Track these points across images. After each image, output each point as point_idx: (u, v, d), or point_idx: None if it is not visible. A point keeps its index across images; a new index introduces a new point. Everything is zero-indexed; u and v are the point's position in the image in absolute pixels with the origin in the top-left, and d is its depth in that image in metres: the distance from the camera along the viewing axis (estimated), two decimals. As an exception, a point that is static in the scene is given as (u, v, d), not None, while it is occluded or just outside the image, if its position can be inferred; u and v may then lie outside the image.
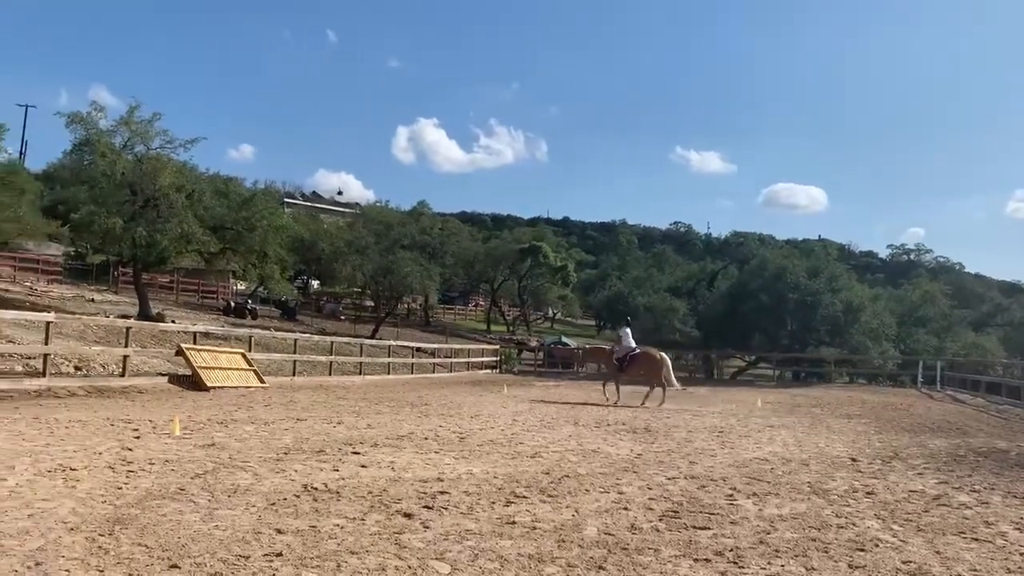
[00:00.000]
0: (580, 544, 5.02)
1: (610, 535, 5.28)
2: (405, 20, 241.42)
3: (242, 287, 49.32)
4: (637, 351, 19.17)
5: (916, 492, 7.42)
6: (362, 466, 7.63)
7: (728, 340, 39.29)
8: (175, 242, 27.33)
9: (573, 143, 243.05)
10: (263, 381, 18.11)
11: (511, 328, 61.24)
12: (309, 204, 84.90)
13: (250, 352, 19.15)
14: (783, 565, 4.75)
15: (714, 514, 6.07)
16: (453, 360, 34.02)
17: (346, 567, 4.31)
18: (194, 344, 18.03)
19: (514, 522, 5.53)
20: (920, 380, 32.43)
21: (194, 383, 16.19)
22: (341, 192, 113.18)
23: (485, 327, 60.75)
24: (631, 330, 20.09)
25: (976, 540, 5.57)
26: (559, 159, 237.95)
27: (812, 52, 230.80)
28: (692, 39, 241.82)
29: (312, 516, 5.44)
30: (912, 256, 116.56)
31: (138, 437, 8.73)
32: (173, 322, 25.63)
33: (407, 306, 55.91)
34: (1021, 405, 21.25)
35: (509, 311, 68.38)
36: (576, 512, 5.96)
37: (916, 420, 16.44)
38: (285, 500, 5.89)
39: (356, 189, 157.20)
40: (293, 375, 20.73)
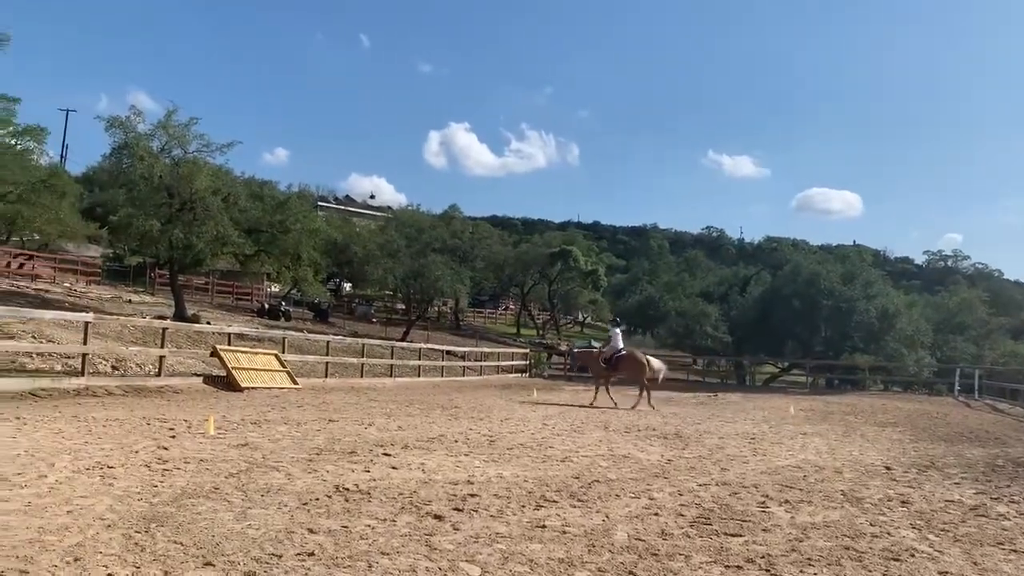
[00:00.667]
0: (610, 549, 5.01)
1: (640, 540, 5.26)
2: (437, 25, 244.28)
3: (276, 289, 49.87)
4: (623, 352, 19.48)
5: (953, 502, 7.29)
6: (393, 467, 7.68)
7: (761, 346, 38.91)
8: (211, 244, 27.67)
9: (605, 147, 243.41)
10: (296, 382, 18.27)
11: (541, 332, 61.15)
12: (342, 207, 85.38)
13: (283, 354, 19.36)
14: (816, 573, 4.70)
15: (746, 521, 6.02)
16: (483, 363, 34.09)
17: (377, 567, 4.35)
18: (229, 345, 18.25)
19: (544, 526, 5.53)
20: (957, 388, 31.77)
21: (228, 384, 16.39)
22: (373, 196, 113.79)
23: (515, 331, 60.77)
24: (620, 332, 20.51)
25: (1015, 551, 5.46)
26: (590, 163, 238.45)
27: (847, 55, 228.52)
28: (725, 42, 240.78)
29: (344, 516, 5.48)
30: (949, 262, 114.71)
31: (173, 436, 8.87)
32: (208, 323, 25.94)
33: (438, 309, 56.13)
34: (1063, 415, 20.77)
35: (539, 315, 68.33)
36: (606, 517, 5.94)
37: (953, 429, 16.12)
38: (317, 500, 5.95)
39: (388, 193, 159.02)
40: (325, 377, 20.88)
